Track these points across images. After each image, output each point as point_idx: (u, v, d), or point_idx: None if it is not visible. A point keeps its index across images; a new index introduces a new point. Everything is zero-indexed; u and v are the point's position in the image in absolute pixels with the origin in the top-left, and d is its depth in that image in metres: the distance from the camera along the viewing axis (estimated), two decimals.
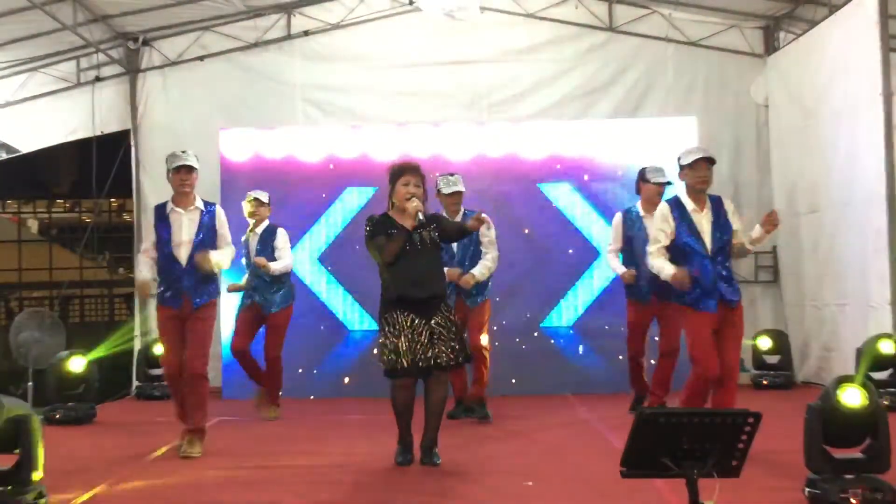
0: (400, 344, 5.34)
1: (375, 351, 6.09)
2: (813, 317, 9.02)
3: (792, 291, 9.57)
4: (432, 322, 5.40)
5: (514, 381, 9.03)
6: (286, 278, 7.75)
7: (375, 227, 5.49)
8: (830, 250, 8.56)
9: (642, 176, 7.24)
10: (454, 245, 7.03)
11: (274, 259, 7.59)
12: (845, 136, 8.29)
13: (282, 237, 7.69)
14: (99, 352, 8.20)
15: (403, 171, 5.54)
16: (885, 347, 7.19)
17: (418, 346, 5.35)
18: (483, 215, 5.62)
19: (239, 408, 8.03)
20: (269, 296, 7.65)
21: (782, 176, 9.68)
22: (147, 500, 4.94)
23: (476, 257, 7.19)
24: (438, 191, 7.07)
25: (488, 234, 7.15)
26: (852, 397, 4.13)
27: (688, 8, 9.91)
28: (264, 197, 7.78)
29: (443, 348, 5.39)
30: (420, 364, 5.36)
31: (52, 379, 7.73)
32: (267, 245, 7.66)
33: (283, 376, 9.27)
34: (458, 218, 6.77)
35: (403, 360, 5.33)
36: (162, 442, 6.39)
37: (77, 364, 7.73)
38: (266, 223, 7.75)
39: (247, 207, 7.75)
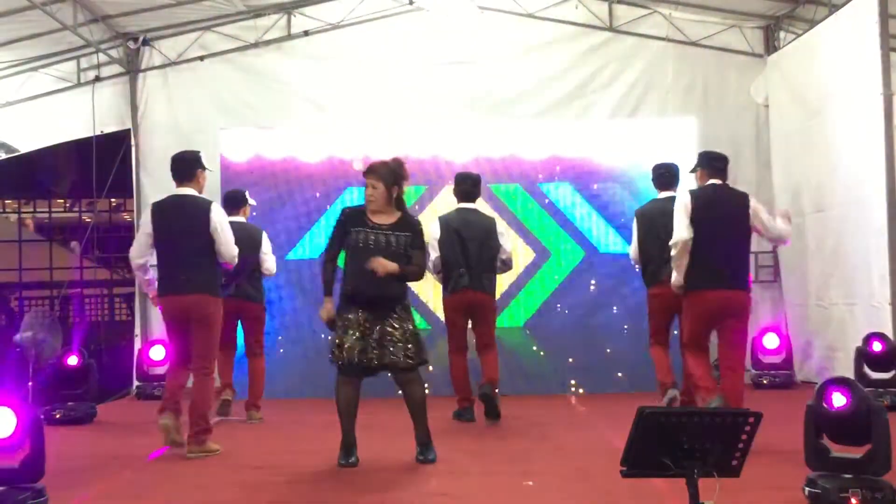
0: (346, 339, 5.36)
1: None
2: (818, 316, 9.00)
3: (794, 291, 9.56)
4: (385, 323, 5.38)
5: (514, 380, 9.03)
6: None
7: (342, 224, 5.57)
8: (837, 250, 8.54)
9: None
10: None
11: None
12: (847, 136, 8.30)
13: None
14: None
15: (366, 172, 5.63)
16: (876, 346, 7.24)
17: (365, 346, 5.34)
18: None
19: (239, 408, 8.03)
20: None
21: (784, 176, 9.67)
22: (147, 499, 4.94)
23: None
24: None
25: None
26: (838, 399, 4.11)
27: (688, 8, 9.90)
28: None
29: (392, 350, 5.37)
30: (364, 363, 5.36)
31: (51, 378, 7.74)
32: None
33: (283, 375, 9.31)
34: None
35: (346, 356, 5.35)
36: (162, 442, 6.38)
37: (74, 361, 7.75)
38: None
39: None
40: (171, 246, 6.07)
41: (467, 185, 7.38)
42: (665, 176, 7.17)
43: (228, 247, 6.12)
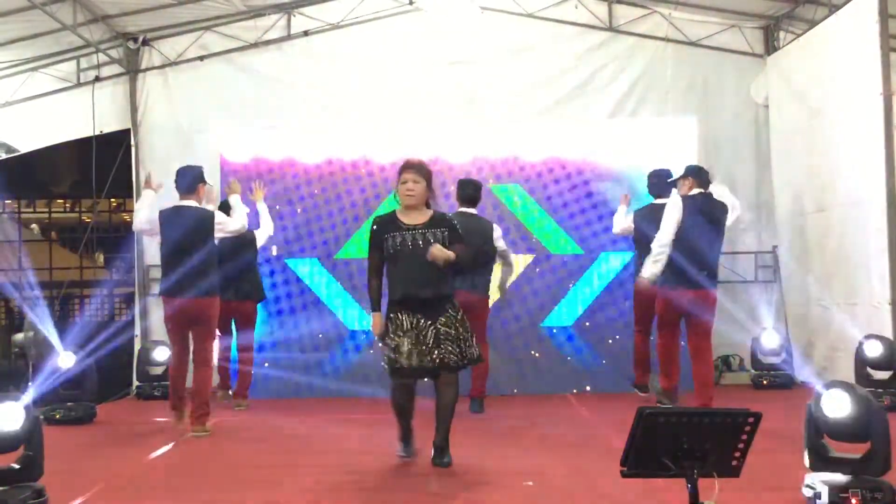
0: (402, 344, 5.28)
1: (372, 351, 6.16)
2: (819, 316, 8.99)
3: (795, 291, 9.55)
4: (438, 322, 5.33)
5: (513, 380, 9.03)
6: None
7: (375, 233, 5.46)
8: (839, 250, 8.54)
9: None
10: None
11: None
12: (847, 136, 8.30)
13: None
14: None
15: (403, 168, 5.53)
16: (872, 349, 7.24)
17: (423, 348, 5.28)
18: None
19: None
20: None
21: (784, 176, 9.67)
22: (147, 499, 4.94)
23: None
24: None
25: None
26: (838, 406, 4.10)
27: (688, 8, 9.90)
28: None
29: (450, 349, 5.32)
30: (425, 365, 5.30)
31: (49, 378, 7.74)
32: None
33: (283, 376, 9.30)
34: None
35: (404, 361, 5.28)
36: (162, 442, 6.40)
37: (68, 361, 7.74)
38: None
39: None
40: (177, 253, 6.67)
41: (469, 191, 7.74)
42: (659, 184, 7.64)
43: (233, 224, 7.01)
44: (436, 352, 5.30)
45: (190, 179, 6.80)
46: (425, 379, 5.47)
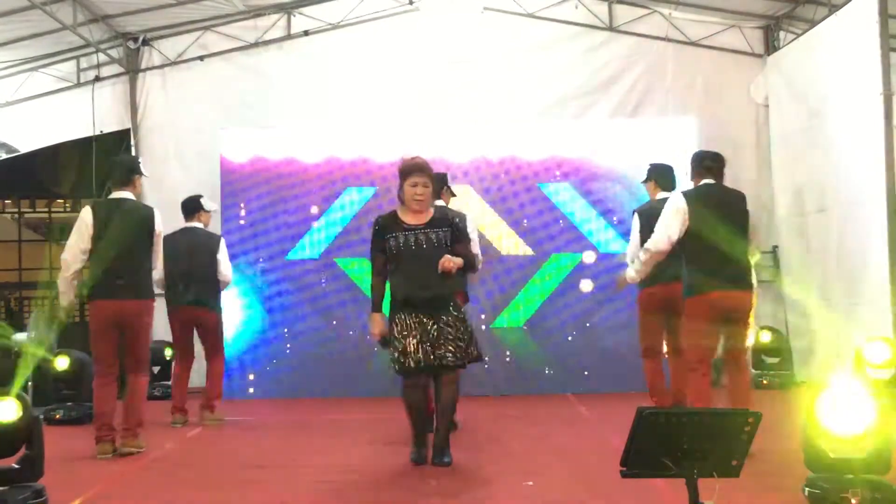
0: (408, 344, 5.29)
1: (376, 349, 6.14)
2: (818, 316, 8.99)
3: (795, 291, 9.55)
4: (440, 322, 5.34)
5: (513, 380, 9.03)
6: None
7: (377, 234, 5.45)
8: (839, 250, 8.54)
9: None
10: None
11: None
12: (847, 136, 8.30)
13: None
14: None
15: (412, 170, 5.42)
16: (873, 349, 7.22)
17: (427, 346, 5.29)
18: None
19: (239, 409, 8.03)
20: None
21: (785, 176, 9.67)
22: (147, 499, 4.93)
23: None
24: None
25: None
26: (838, 404, 4.09)
27: (688, 8, 9.91)
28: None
29: (450, 348, 5.33)
30: (430, 363, 5.30)
31: (48, 378, 7.75)
32: None
33: (284, 375, 9.25)
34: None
35: (411, 361, 5.29)
36: (162, 441, 6.40)
37: (63, 363, 7.72)
38: None
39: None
40: (109, 249, 5.88)
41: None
42: (664, 178, 6.96)
43: (160, 256, 6.23)
44: (439, 351, 5.31)
45: (124, 169, 6.20)
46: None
